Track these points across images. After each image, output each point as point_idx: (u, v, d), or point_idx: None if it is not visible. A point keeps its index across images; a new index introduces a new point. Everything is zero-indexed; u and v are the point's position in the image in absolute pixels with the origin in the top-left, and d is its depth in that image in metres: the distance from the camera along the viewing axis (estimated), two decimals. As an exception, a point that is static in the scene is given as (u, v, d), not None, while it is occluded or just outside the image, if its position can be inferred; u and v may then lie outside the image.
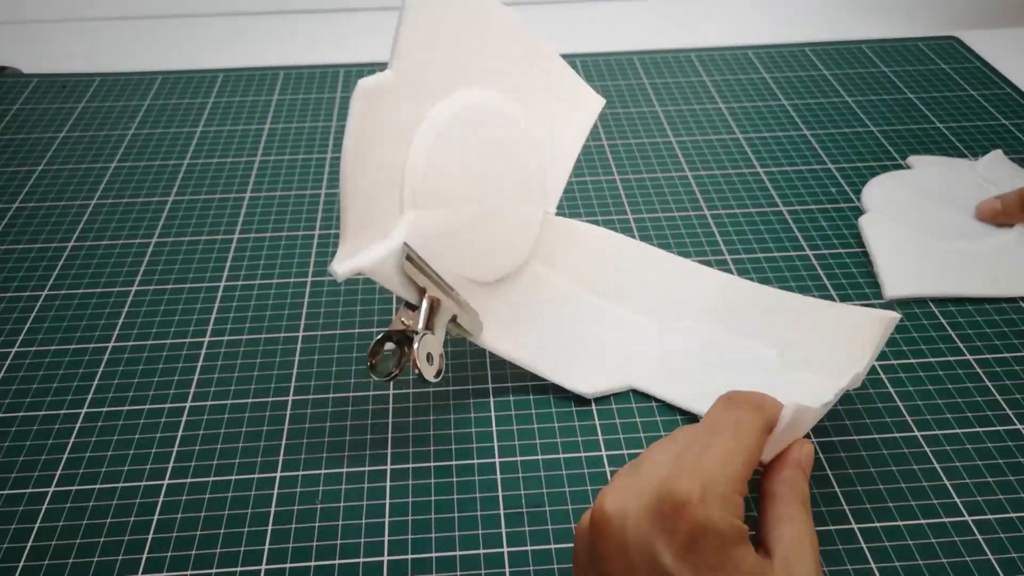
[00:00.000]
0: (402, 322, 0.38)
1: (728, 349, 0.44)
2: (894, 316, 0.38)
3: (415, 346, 0.37)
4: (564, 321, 0.46)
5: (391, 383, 0.42)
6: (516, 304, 0.45)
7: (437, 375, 0.38)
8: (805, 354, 0.42)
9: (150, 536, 0.38)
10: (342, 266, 0.36)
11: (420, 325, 0.38)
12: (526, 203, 0.46)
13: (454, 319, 0.40)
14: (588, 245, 0.48)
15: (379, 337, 0.39)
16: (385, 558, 0.37)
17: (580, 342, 0.45)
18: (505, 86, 0.44)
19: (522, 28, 0.44)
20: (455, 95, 0.41)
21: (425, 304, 0.38)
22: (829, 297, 0.50)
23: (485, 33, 0.43)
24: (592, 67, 0.75)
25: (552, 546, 0.37)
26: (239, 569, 0.36)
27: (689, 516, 0.27)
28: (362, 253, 0.37)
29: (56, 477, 0.40)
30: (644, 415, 0.43)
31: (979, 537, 0.37)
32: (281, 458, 0.41)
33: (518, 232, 0.46)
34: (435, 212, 0.40)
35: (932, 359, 0.46)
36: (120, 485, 0.40)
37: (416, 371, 0.37)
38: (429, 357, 0.37)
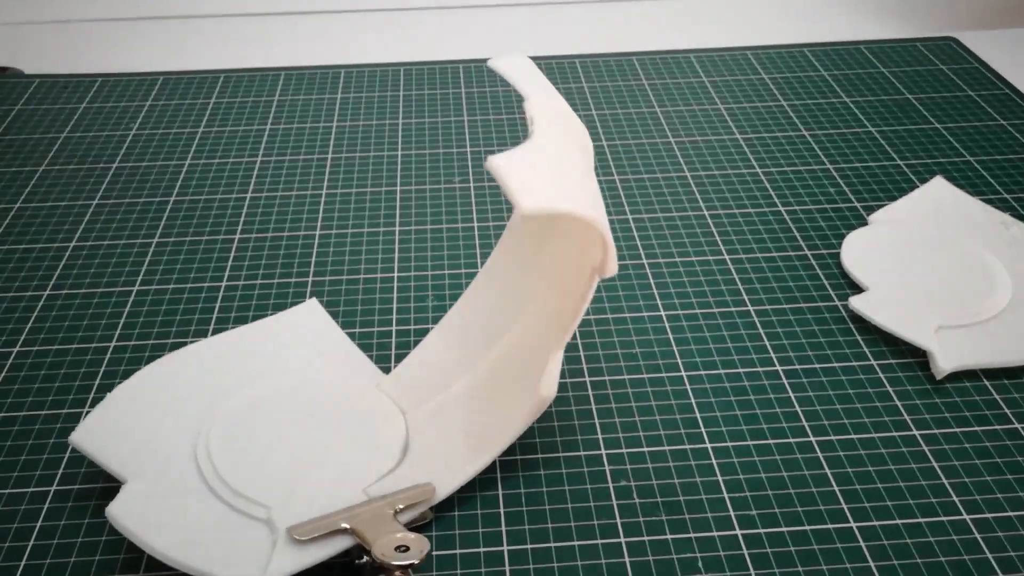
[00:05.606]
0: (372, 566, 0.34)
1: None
2: None
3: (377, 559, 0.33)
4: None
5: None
6: (425, 450, 0.41)
7: (421, 552, 0.34)
8: None
9: (152, 535, 0.38)
10: None
11: (366, 545, 0.34)
12: (347, 409, 0.42)
13: (397, 512, 0.36)
14: (422, 362, 0.45)
15: None
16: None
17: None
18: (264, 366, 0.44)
19: None
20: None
21: (356, 531, 0.34)
22: (828, 297, 0.50)
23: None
24: (592, 67, 0.75)
25: (552, 544, 0.37)
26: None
27: None
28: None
29: (58, 476, 0.40)
30: (643, 414, 0.43)
31: (977, 536, 0.37)
32: (282, 457, 0.41)
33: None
34: (295, 491, 0.37)
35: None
36: (122, 484, 0.40)
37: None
38: (401, 548, 0.34)
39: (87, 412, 0.42)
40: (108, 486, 0.40)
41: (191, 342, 0.48)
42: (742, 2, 0.90)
